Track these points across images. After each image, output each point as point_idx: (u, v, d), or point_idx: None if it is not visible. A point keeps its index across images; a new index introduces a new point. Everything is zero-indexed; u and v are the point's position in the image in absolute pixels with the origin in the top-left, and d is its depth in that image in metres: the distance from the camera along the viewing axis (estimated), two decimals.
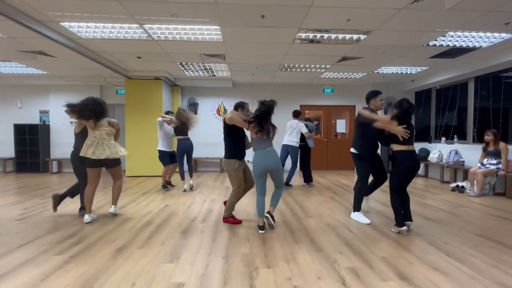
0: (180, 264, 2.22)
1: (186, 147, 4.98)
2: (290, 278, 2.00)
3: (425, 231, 2.98)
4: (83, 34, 4.18)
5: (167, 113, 5.26)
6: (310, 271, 2.09)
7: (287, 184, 5.32)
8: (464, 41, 4.41)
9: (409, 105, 2.92)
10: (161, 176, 5.22)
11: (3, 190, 5.23)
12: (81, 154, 3.25)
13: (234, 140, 3.12)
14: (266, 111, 2.89)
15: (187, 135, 5.01)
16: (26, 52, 5.03)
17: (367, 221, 3.24)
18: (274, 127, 2.98)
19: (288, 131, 5.36)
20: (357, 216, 3.36)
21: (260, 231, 2.91)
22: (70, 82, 7.42)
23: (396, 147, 2.92)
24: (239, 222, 3.22)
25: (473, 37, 4.23)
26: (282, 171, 3.05)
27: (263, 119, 2.89)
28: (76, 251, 2.45)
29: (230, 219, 3.23)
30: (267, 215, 2.96)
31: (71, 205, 4.03)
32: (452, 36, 4.22)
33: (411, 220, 2.95)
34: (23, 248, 2.50)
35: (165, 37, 4.31)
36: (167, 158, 5.08)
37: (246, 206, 4.04)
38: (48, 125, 7.72)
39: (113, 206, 3.49)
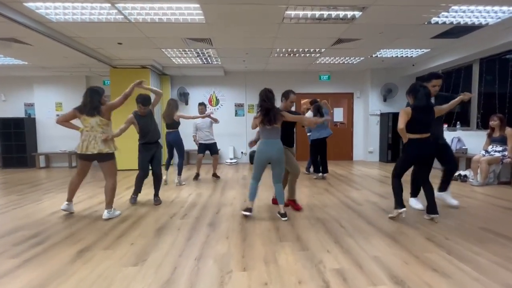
0: (145, 267, 1.96)
1: (169, 140, 4.80)
2: (266, 283, 1.74)
3: (424, 224, 2.71)
4: (52, 16, 3.84)
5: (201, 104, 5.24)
6: (290, 275, 1.83)
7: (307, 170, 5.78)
8: (469, 17, 4.03)
9: (424, 88, 2.77)
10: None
11: None
12: (77, 151, 3.02)
13: (281, 130, 3.06)
14: (262, 100, 2.87)
15: (173, 128, 4.75)
16: None
17: (420, 207, 3.20)
18: (277, 113, 2.86)
19: None
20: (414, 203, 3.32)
21: (247, 213, 2.95)
22: (54, 73, 7.09)
23: (408, 135, 2.79)
24: (299, 208, 3.25)
25: (479, 12, 3.85)
26: (283, 164, 2.98)
27: (262, 109, 2.86)
28: (33, 253, 2.20)
29: (291, 203, 3.32)
30: (282, 217, 2.92)
31: (46, 202, 3.80)
32: (456, 11, 3.84)
33: (435, 213, 2.77)
34: None
35: (142, 18, 3.96)
36: (200, 148, 5.22)
37: (233, 199, 3.78)
38: (34, 118, 7.44)
39: (106, 210, 3.04)
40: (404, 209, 2.77)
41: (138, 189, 3.69)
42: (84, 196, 4.07)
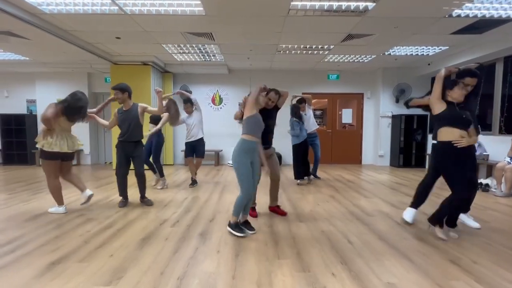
0: (119, 287, 1.70)
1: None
2: None
3: (446, 243, 2.35)
4: (45, 7, 3.65)
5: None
6: None
7: (315, 176, 5.35)
8: (496, 9, 3.63)
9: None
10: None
11: None
12: (55, 150, 3.01)
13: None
14: None
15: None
16: None
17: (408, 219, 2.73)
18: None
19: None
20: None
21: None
22: (55, 69, 6.97)
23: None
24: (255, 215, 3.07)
25: (509, 3, 3.45)
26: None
27: None
28: (2, 264, 1.97)
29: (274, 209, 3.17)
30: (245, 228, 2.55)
31: (34, 202, 3.60)
32: (481, 3, 3.46)
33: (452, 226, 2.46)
34: None
35: (138, 10, 3.72)
36: (187, 149, 4.53)
37: (230, 205, 3.48)
38: (35, 115, 7.35)
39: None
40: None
41: (122, 190, 3.44)
42: (75, 197, 3.86)
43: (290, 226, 2.75)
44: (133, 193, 4.11)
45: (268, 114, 2.82)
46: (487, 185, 4.39)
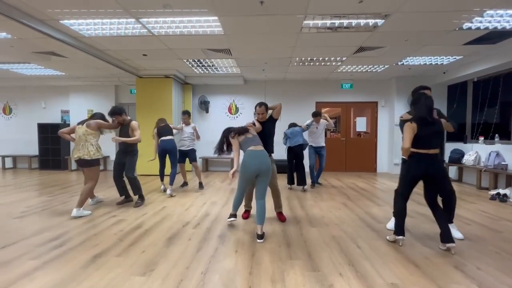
0: (152, 278, 1.97)
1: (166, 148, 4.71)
2: None
3: (454, 251, 2.45)
4: (85, 32, 4.15)
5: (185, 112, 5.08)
6: None
7: (317, 183, 5.57)
8: (507, 21, 3.69)
9: (426, 98, 2.49)
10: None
11: (19, 186, 5.44)
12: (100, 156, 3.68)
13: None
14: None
15: (171, 135, 4.79)
16: (39, 53, 5.18)
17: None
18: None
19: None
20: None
21: (230, 219, 3.07)
22: (87, 82, 7.64)
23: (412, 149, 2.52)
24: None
25: None
26: (270, 177, 2.85)
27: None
28: (53, 256, 2.32)
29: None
30: (258, 239, 2.63)
31: (72, 204, 4.01)
32: (491, 16, 3.54)
33: (450, 242, 2.35)
34: (2, 251, 2.42)
35: (164, 31, 4.13)
36: (179, 156, 5.01)
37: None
38: (68, 124, 8.02)
39: (75, 208, 3.42)
40: (402, 237, 2.51)
41: (118, 190, 4.08)
42: (106, 200, 4.25)
43: (302, 231, 2.94)
44: (152, 200, 4.46)
45: (264, 127, 3.24)
46: (505, 195, 4.33)
